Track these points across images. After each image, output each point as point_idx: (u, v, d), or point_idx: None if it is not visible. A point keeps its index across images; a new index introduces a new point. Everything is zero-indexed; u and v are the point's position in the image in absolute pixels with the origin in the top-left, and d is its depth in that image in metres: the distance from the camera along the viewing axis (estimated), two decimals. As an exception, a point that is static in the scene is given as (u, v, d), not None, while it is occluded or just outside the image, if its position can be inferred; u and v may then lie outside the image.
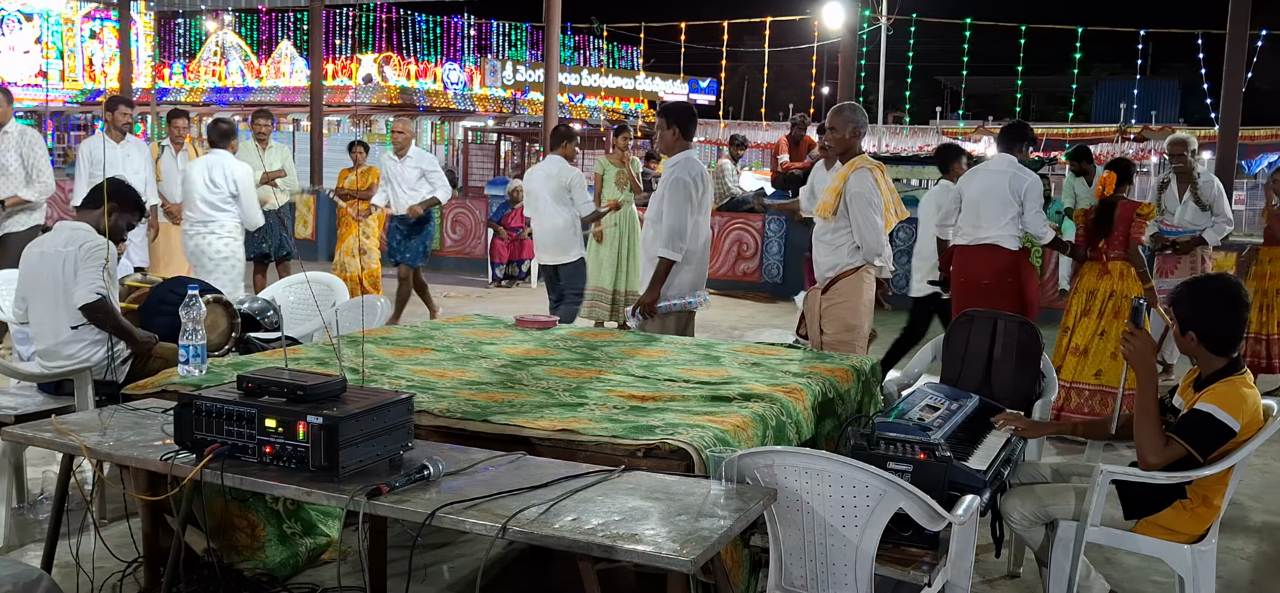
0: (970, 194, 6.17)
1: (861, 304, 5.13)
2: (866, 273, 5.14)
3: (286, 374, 2.80)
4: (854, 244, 5.08)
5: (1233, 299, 3.15)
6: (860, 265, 5.11)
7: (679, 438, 2.90)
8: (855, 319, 5.12)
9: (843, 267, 5.13)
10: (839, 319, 5.13)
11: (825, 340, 5.14)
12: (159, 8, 27.51)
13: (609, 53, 34.20)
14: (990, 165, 6.34)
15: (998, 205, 6.00)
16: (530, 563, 3.90)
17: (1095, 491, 3.17)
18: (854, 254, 5.10)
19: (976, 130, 29.58)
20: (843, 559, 2.68)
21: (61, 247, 4.30)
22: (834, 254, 5.16)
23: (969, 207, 6.16)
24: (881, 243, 5.09)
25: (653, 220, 5.30)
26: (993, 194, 6.02)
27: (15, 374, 4.50)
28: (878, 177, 5.08)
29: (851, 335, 5.10)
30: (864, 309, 5.15)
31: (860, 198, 5.01)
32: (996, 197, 6.01)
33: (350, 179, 10.05)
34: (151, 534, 3.39)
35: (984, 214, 6.05)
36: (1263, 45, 19.73)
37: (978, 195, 6.11)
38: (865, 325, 5.18)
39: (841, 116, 5.21)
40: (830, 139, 5.34)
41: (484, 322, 5.10)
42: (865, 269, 5.12)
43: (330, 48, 27.33)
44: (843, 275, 5.14)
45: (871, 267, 5.14)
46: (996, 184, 6.03)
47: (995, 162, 6.30)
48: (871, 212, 5.01)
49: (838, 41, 16.80)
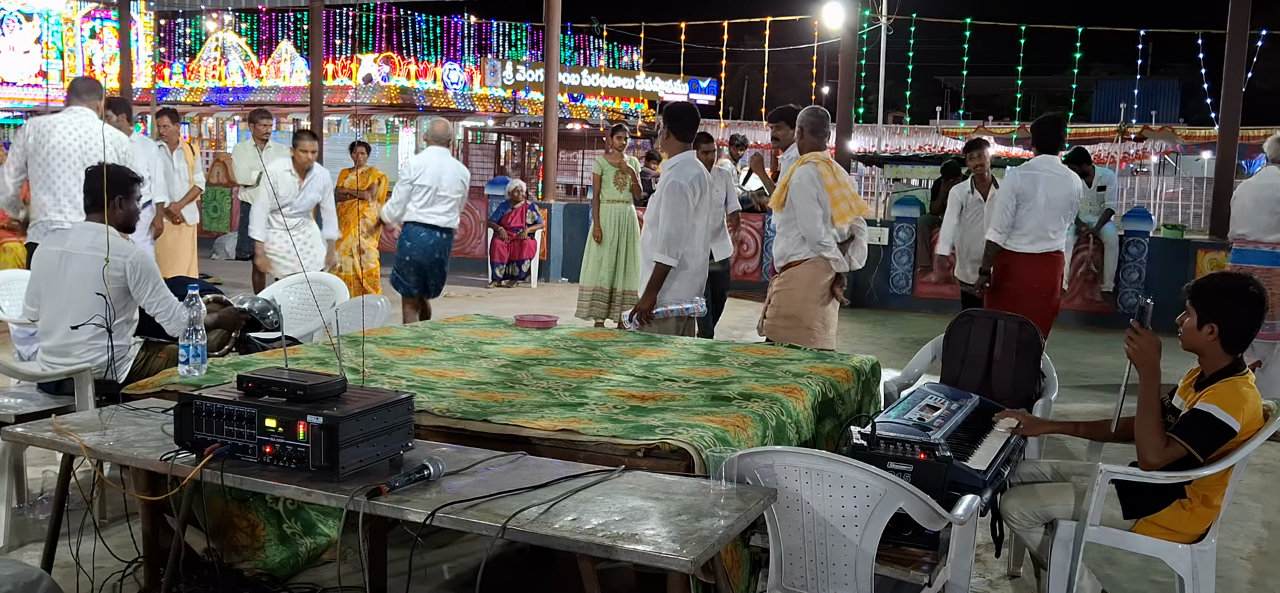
0: (1038, 201, 6.01)
1: (806, 294, 5.35)
2: (816, 265, 5.34)
3: (286, 374, 2.80)
4: (799, 235, 5.35)
5: (1258, 298, 3.19)
6: (806, 257, 5.35)
7: (679, 438, 2.90)
8: (794, 308, 5.36)
9: (791, 256, 5.41)
10: (778, 306, 5.42)
11: (764, 325, 5.48)
12: (159, 8, 27.47)
13: (609, 53, 34.20)
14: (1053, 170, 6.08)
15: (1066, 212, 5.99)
16: (530, 563, 3.91)
17: (1095, 490, 3.17)
18: (800, 245, 5.36)
19: (976, 130, 29.56)
20: (843, 559, 2.68)
21: (86, 249, 4.30)
22: (784, 244, 5.46)
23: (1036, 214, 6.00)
24: (819, 233, 5.30)
25: (650, 223, 5.31)
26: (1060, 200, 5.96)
27: (15, 374, 4.50)
28: (823, 171, 5.32)
29: (789, 324, 5.34)
30: (810, 300, 5.35)
31: (800, 190, 5.31)
32: (1062, 202, 5.95)
33: (350, 179, 10.06)
34: (151, 534, 3.39)
35: (1050, 222, 5.99)
36: (1263, 45, 19.71)
37: (1045, 203, 5.98)
38: (808, 317, 5.35)
39: (778, 125, 5.74)
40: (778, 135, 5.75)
41: (484, 322, 5.10)
42: (813, 261, 5.34)
43: (330, 48, 27.31)
44: (792, 265, 5.41)
45: (824, 261, 5.34)
46: (1061, 191, 5.95)
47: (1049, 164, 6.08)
48: (811, 204, 5.28)
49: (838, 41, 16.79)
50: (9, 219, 8.45)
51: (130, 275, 4.30)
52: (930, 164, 17.80)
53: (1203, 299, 3.21)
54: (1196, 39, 23.38)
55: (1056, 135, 6.14)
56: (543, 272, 13.39)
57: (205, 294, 4.61)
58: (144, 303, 4.35)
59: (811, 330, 5.33)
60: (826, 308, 5.42)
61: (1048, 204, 5.98)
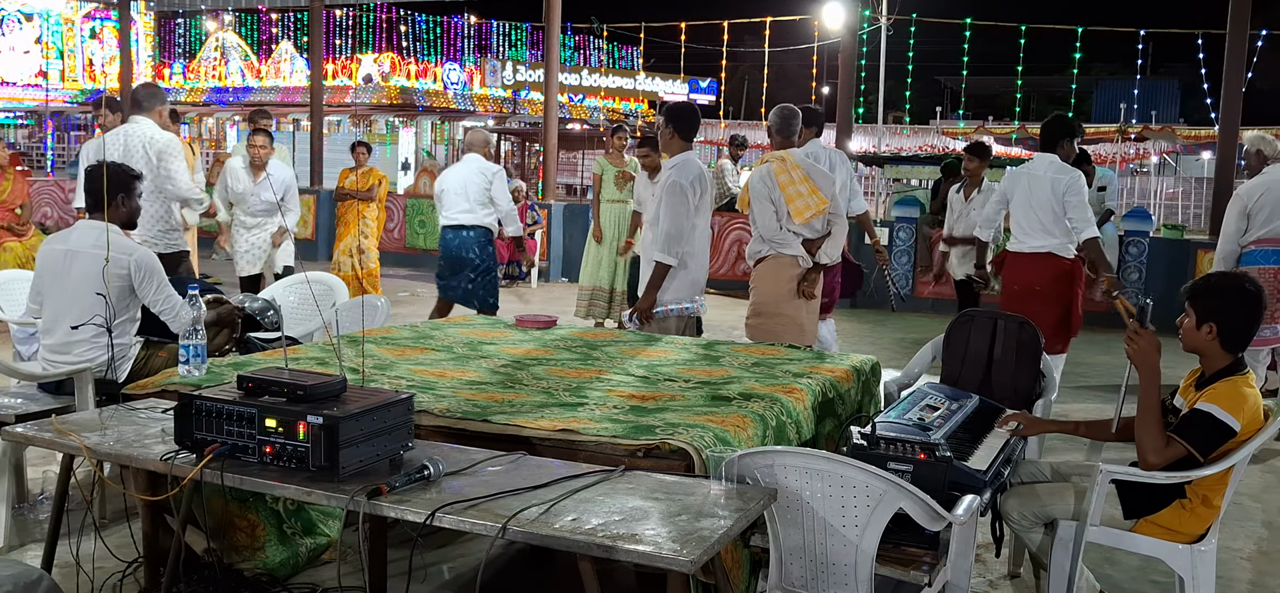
0: (1017, 200, 6.01)
1: (773, 290, 5.44)
2: (779, 261, 5.43)
3: (286, 374, 2.80)
4: (761, 234, 5.47)
5: (1257, 298, 3.19)
6: (769, 253, 5.45)
7: (679, 438, 2.90)
8: (763, 305, 5.47)
9: (757, 254, 5.52)
10: (751, 304, 5.56)
11: (746, 324, 5.61)
12: (159, 8, 27.52)
13: (609, 53, 34.21)
14: (1037, 169, 6.05)
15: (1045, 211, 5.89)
16: (530, 563, 3.91)
17: (1095, 490, 3.17)
18: (763, 243, 5.48)
19: (976, 130, 29.56)
20: (843, 559, 2.68)
21: (90, 248, 4.30)
22: (752, 244, 5.61)
23: (1017, 212, 5.99)
24: (773, 230, 5.39)
25: (650, 223, 5.31)
26: (1041, 199, 5.88)
27: (15, 374, 4.50)
28: (778, 170, 5.41)
29: (761, 320, 5.46)
30: (778, 296, 5.44)
31: (753, 190, 5.48)
32: (1041, 201, 5.88)
33: (351, 179, 10.05)
34: (151, 534, 3.38)
35: (1032, 221, 5.93)
36: (1263, 45, 19.71)
37: (1025, 201, 5.95)
38: (778, 311, 5.43)
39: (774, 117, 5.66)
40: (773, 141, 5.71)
41: (484, 322, 5.10)
42: (776, 257, 5.43)
43: (330, 48, 27.31)
44: (758, 262, 5.51)
45: (788, 256, 5.42)
46: (1043, 191, 5.88)
47: (1038, 164, 6.05)
48: (764, 204, 5.41)
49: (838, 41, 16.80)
50: (7, 217, 8.45)
51: (135, 274, 4.31)
52: (930, 164, 17.80)
53: (1201, 299, 3.21)
54: (1196, 39, 23.39)
55: (1054, 135, 6.07)
56: (543, 272, 13.40)
57: (205, 294, 4.61)
58: (149, 301, 4.36)
59: (788, 324, 5.38)
60: (801, 302, 5.47)
61: (1029, 203, 5.95)
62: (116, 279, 4.28)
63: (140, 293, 4.34)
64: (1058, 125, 6.12)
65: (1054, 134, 6.06)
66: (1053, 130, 6.09)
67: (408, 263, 14.19)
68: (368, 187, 9.95)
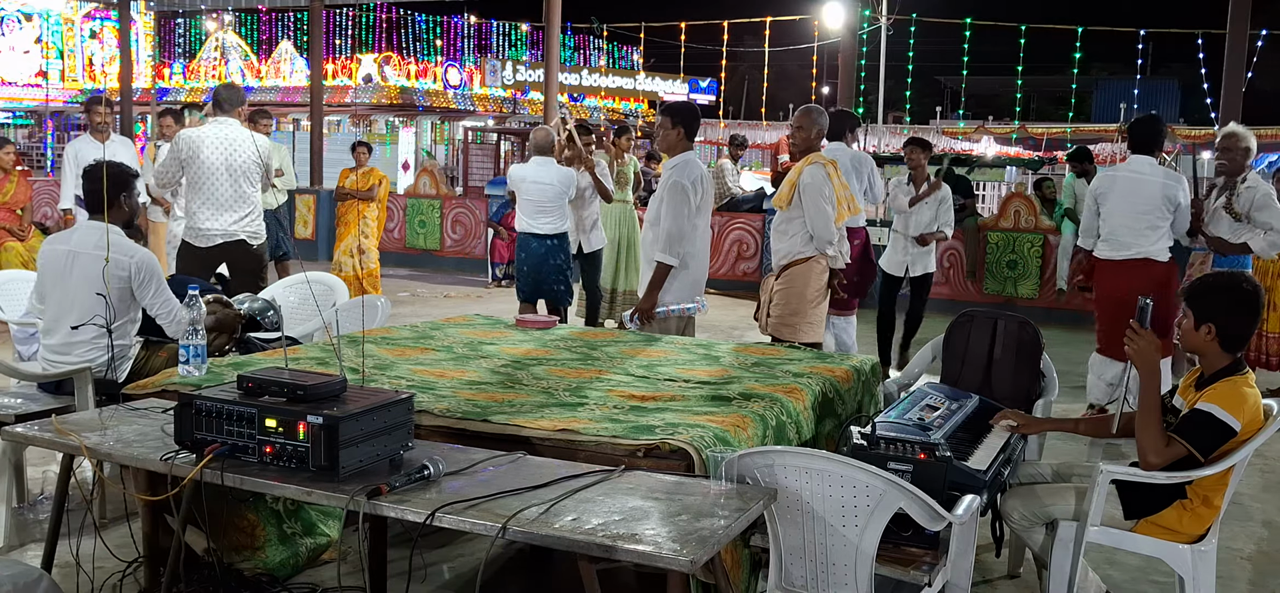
0: (1113, 204, 5.87)
1: (808, 292, 5.37)
2: (817, 263, 5.36)
3: (286, 374, 2.80)
4: (807, 234, 5.33)
5: (1255, 298, 3.19)
6: (812, 255, 5.34)
7: (679, 438, 2.90)
8: (799, 305, 5.36)
9: (795, 255, 5.39)
10: (783, 303, 5.40)
11: (769, 323, 5.45)
12: (159, 8, 27.49)
13: (609, 53, 34.18)
14: (1132, 171, 5.90)
15: (1155, 214, 5.78)
16: (530, 563, 3.90)
17: (1095, 490, 3.17)
18: (806, 244, 5.34)
19: (976, 130, 29.56)
20: (843, 559, 2.68)
21: (92, 248, 4.30)
22: (788, 243, 5.43)
23: (1111, 218, 5.88)
24: (831, 232, 5.31)
25: (651, 223, 5.31)
26: (1141, 203, 5.77)
27: (15, 374, 4.50)
28: (831, 172, 5.33)
29: (794, 320, 5.36)
30: (810, 297, 5.37)
31: (812, 189, 5.27)
32: (1148, 204, 5.76)
33: (351, 179, 10.05)
34: (151, 534, 3.38)
35: (1126, 227, 5.83)
36: (1263, 45, 19.68)
37: (1120, 206, 5.83)
38: (809, 313, 5.38)
39: (809, 117, 5.51)
40: (796, 137, 5.57)
41: (484, 322, 5.10)
42: (816, 259, 5.35)
43: (330, 48, 27.30)
44: (794, 263, 5.39)
45: (824, 257, 5.36)
46: (1140, 194, 5.76)
47: (1134, 165, 5.91)
48: (822, 203, 5.27)
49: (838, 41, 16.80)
50: (9, 220, 8.45)
51: (135, 276, 4.32)
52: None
53: (1199, 300, 3.21)
54: (1196, 39, 23.36)
55: (1148, 135, 5.96)
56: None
57: (205, 294, 4.61)
58: (145, 303, 4.37)
59: (814, 326, 5.39)
60: (823, 303, 5.49)
61: (1123, 207, 5.83)
62: (117, 280, 4.29)
63: (139, 295, 4.34)
64: (1153, 127, 6.05)
65: (1151, 135, 5.99)
66: (1149, 132, 6.01)
67: (408, 263, 14.18)
68: (368, 187, 9.95)
